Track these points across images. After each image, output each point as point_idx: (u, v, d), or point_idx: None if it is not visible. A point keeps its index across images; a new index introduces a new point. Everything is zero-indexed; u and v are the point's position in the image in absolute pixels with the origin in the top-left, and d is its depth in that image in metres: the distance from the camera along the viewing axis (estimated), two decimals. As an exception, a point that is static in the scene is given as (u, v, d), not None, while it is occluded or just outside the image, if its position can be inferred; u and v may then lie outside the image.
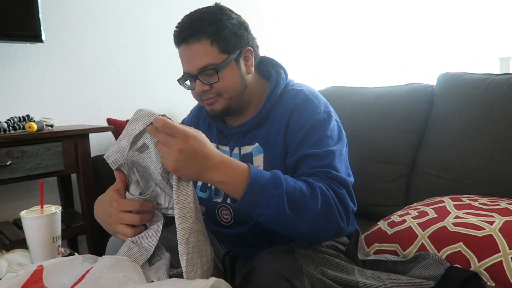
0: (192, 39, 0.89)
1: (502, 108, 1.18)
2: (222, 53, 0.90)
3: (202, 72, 0.90)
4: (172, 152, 0.68)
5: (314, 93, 0.98)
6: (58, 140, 1.57)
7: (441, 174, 1.28)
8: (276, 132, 0.94)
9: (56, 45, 1.91)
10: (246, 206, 0.75)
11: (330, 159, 0.85)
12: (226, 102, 0.94)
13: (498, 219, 0.85)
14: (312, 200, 0.77)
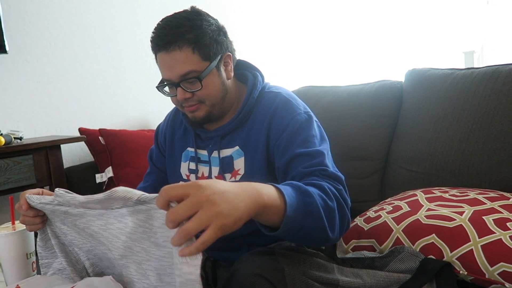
0: (173, 46, 0.87)
1: (467, 101, 1.23)
2: (203, 60, 0.89)
3: (184, 80, 0.89)
4: (210, 209, 0.53)
5: (292, 95, 0.99)
6: (28, 153, 1.53)
7: (413, 167, 1.32)
8: (257, 135, 0.95)
9: (20, 55, 1.85)
10: (289, 224, 0.66)
11: (322, 158, 0.86)
12: (208, 109, 0.93)
13: (468, 209, 0.88)
14: (329, 199, 0.75)
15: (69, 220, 0.78)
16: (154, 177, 1.12)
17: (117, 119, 2.19)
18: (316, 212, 0.71)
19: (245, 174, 0.95)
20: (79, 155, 2.03)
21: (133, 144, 1.86)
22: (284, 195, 0.65)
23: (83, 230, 0.76)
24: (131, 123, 2.25)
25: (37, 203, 0.79)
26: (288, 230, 0.67)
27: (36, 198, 0.79)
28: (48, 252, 0.84)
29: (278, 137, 0.91)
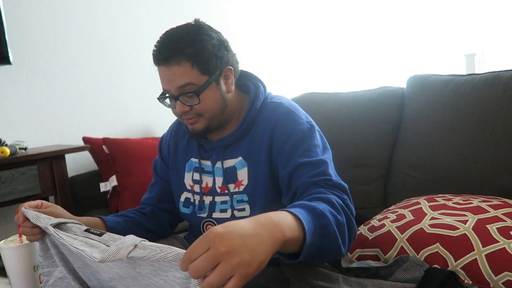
0: (172, 61, 0.88)
1: (469, 107, 1.23)
2: (202, 74, 0.89)
3: (182, 94, 0.90)
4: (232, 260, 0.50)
5: (294, 105, 1.00)
6: (32, 163, 1.54)
7: (416, 174, 1.32)
8: (259, 145, 0.95)
9: (24, 66, 1.87)
10: (308, 251, 0.66)
11: (324, 168, 0.87)
12: (207, 122, 0.94)
13: (471, 218, 0.88)
14: (338, 214, 0.76)
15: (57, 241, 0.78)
16: (158, 188, 1.13)
17: (120, 127, 2.20)
18: (332, 233, 0.72)
19: (249, 184, 0.96)
20: (83, 164, 2.04)
21: (137, 152, 1.87)
22: (302, 222, 0.65)
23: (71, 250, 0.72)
24: (134, 131, 2.26)
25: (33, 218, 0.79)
26: (307, 256, 0.67)
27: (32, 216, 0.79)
28: (48, 261, 0.85)
29: (281, 147, 0.92)
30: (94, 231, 0.70)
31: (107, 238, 0.66)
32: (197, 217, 1.03)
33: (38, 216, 0.79)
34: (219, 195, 0.99)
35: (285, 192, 0.92)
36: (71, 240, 0.69)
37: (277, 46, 3.03)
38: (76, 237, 0.70)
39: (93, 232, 0.70)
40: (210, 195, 1.00)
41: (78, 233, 0.71)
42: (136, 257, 0.59)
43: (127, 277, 0.65)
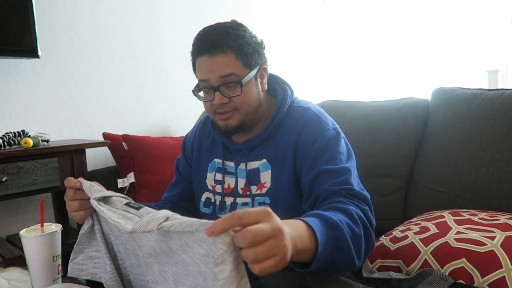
0: (218, 50, 0.89)
1: (496, 123, 1.21)
2: (245, 67, 0.91)
3: (223, 84, 0.90)
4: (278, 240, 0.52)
5: (321, 110, 0.99)
6: (54, 156, 1.56)
7: (438, 187, 1.30)
8: (285, 148, 0.95)
9: (51, 60, 1.91)
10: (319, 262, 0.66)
11: (347, 176, 0.86)
12: (241, 118, 0.94)
13: (499, 235, 0.86)
14: (356, 226, 0.76)
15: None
16: (181, 187, 1.13)
17: (140, 125, 2.22)
18: (346, 247, 0.71)
19: (272, 187, 0.95)
20: (101, 159, 2.07)
21: (156, 150, 1.88)
22: (315, 233, 0.65)
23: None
24: (153, 130, 2.28)
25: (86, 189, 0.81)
26: (318, 266, 0.67)
27: (86, 187, 0.82)
28: (87, 238, 0.87)
29: (306, 152, 0.92)
30: (133, 205, 0.72)
31: (143, 212, 0.68)
32: (217, 218, 1.02)
33: (91, 188, 0.81)
34: (240, 196, 0.98)
35: (305, 197, 0.91)
36: (110, 213, 0.72)
37: (302, 53, 3.03)
38: (116, 210, 0.72)
39: (132, 206, 0.72)
40: (231, 196, 1.00)
41: (119, 207, 0.73)
42: (166, 229, 0.59)
43: (161, 253, 0.66)
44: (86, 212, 0.84)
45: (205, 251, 0.54)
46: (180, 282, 0.64)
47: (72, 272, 0.88)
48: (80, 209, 0.83)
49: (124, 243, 0.78)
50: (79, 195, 0.83)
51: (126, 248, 0.79)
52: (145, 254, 0.71)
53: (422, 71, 3.77)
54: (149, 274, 0.73)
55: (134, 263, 0.77)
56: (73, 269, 0.88)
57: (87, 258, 0.87)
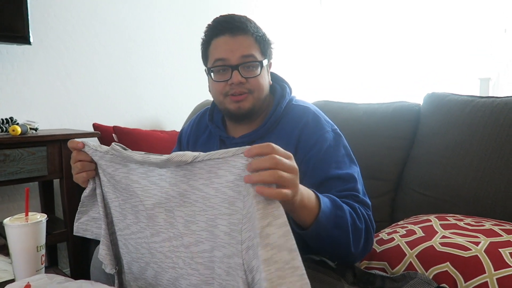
0: (240, 31, 0.92)
1: (486, 130, 1.22)
2: (262, 54, 0.95)
3: (243, 64, 0.92)
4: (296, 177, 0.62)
5: (319, 111, 1.01)
6: (42, 145, 1.54)
7: (426, 191, 1.31)
8: (284, 146, 0.94)
9: (42, 48, 1.88)
10: (317, 228, 0.72)
11: (354, 183, 0.89)
12: (254, 102, 0.95)
13: (483, 240, 0.87)
14: (358, 220, 0.80)
15: (110, 170, 0.81)
16: None
17: (131, 118, 2.20)
18: (344, 227, 0.76)
19: None
20: (90, 151, 2.04)
21: (146, 143, 1.87)
22: (320, 202, 0.72)
23: (119, 182, 0.80)
24: (144, 123, 2.26)
25: (92, 148, 0.82)
26: (316, 234, 0.73)
27: (92, 145, 0.82)
28: (90, 201, 0.88)
29: (307, 153, 0.92)
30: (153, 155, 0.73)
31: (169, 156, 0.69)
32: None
33: (99, 145, 0.82)
34: None
35: None
36: (137, 156, 0.73)
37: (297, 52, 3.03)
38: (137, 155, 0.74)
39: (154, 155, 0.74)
40: None
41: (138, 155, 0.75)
42: (201, 158, 0.66)
43: (176, 196, 0.70)
44: (88, 174, 0.84)
45: (237, 175, 0.62)
46: (193, 221, 0.69)
47: (78, 231, 0.90)
48: (82, 170, 0.83)
49: (124, 201, 0.81)
50: (82, 156, 0.83)
51: (123, 208, 0.81)
52: (150, 206, 0.75)
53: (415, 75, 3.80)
54: (149, 228, 0.76)
55: (130, 223, 0.80)
56: (78, 228, 0.91)
57: (91, 219, 0.89)
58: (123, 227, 0.83)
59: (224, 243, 0.64)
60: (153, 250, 0.76)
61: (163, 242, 0.74)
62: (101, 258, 0.85)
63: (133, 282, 0.83)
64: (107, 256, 0.84)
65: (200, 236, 0.68)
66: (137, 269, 0.81)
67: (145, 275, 0.79)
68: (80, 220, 0.91)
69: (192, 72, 2.37)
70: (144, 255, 0.78)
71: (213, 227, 0.66)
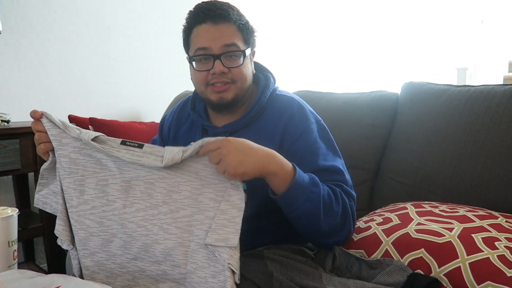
0: (222, 19, 0.90)
1: (461, 118, 1.24)
2: (245, 43, 0.93)
3: (225, 53, 0.90)
4: (226, 160, 0.73)
5: (303, 102, 1.02)
6: (15, 137, 1.50)
7: (403, 180, 1.33)
8: (269, 136, 0.95)
9: (13, 37, 1.81)
10: (287, 198, 0.82)
11: (341, 175, 0.92)
12: (236, 92, 0.94)
13: (457, 226, 0.89)
14: (336, 203, 0.85)
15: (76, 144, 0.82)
16: None
17: (108, 109, 2.15)
18: (316, 203, 0.82)
19: None
20: (66, 143, 2.00)
21: (123, 135, 1.83)
22: (296, 173, 0.80)
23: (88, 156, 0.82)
24: (122, 114, 2.22)
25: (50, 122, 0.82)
26: (286, 201, 0.82)
27: (59, 123, 0.82)
28: (51, 174, 0.87)
29: (292, 144, 0.93)
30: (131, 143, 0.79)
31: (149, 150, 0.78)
32: None
33: (67, 125, 0.82)
34: None
35: None
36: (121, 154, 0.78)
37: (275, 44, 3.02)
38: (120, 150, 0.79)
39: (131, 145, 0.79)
40: None
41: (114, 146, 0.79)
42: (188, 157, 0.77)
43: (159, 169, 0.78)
44: (46, 146, 0.82)
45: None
46: (175, 191, 0.79)
47: (38, 203, 0.89)
48: (39, 141, 0.82)
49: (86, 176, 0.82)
50: (39, 126, 0.82)
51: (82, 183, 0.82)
52: (127, 179, 0.81)
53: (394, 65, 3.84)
54: (120, 200, 0.81)
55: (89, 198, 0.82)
56: (38, 201, 0.89)
57: (51, 193, 0.88)
58: (78, 203, 0.83)
59: (208, 207, 0.78)
60: (124, 220, 0.81)
61: (137, 212, 0.80)
62: (57, 233, 0.85)
63: (87, 257, 0.84)
64: (64, 231, 0.85)
65: (182, 203, 0.78)
66: (95, 244, 0.83)
67: (108, 247, 0.83)
68: (41, 193, 0.89)
69: (172, 62, 2.33)
70: (109, 227, 0.82)
71: (198, 194, 0.78)
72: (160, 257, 0.79)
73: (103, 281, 0.83)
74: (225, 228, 0.75)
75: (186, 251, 0.78)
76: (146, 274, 0.81)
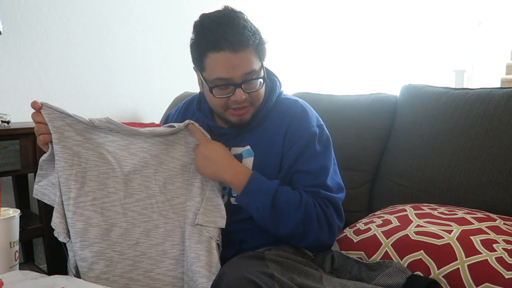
0: (241, 47, 0.86)
1: (460, 121, 1.25)
2: (260, 61, 0.92)
3: (245, 81, 0.89)
4: (195, 159, 0.91)
5: (308, 105, 1.03)
6: (15, 138, 1.50)
7: (402, 182, 1.34)
8: (273, 138, 0.97)
9: (13, 37, 1.81)
10: (241, 203, 0.93)
11: (323, 178, 0.93)
12: (254, 111, 0.96)
13: (456, 228, 0.89)
14: (295, 212, 0.87)
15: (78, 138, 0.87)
16: None
17: (108, 110, 2.16)
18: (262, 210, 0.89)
19: None
20: (66, 144, 1.99)
21: (123, 136, 1.83)
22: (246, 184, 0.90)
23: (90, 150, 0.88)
24: (121, 114, 2.22)
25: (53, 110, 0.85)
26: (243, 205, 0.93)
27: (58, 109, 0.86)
28: (50, 165, 0.89)
29: (291, 146, 0.95)
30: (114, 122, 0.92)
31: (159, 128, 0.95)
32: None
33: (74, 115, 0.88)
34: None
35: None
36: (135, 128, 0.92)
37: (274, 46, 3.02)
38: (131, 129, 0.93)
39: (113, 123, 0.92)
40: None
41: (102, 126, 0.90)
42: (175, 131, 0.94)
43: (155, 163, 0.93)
44: (44, 137, 0.84)
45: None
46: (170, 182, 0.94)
47: (36, 194, 0.93)
48: (38, 132, 0.84)
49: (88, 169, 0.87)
50: (39, 117, 0.84)
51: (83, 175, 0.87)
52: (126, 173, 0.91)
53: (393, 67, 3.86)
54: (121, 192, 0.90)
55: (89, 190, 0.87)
56: (37, 191, 0.92)
57: (50, 184, 0.90)
58: (77, 195, 0.86)
59: (197, 194, 0.94)
60: (126, 210, 0.90)
61: (137, 202, 0.91)
62: (54, 225, 0.87)
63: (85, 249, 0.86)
64: (61, 224, 0.87)
65: (176, 192, 0.95)
66: (94, 234, 0.86)
67: (108, 236, 0.88)
68: (40, 183, 0.91)
69: (172, 63, 2.33)
70: (110, 217, 0.89)
71: (189, 185, 0.95)
72: (160, 239, 0.91)
73: (103, 270, 0.86)
74: (212, 213, 0.92)
75: (183, 232, 0.92)
76: (146, 256, 0.90)
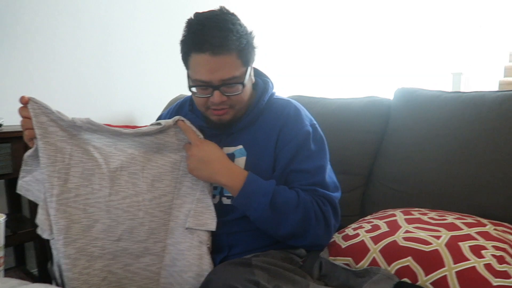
0: (221, 50, 0.84)
1: (452, 124, 1.24)
2: (243, 66, 0.90)
3: (225, 85, 0.88)
4: (188, 160, 0.90)
5: (300, 106, 1.04)
6: (6, 141, 1.49)
7: (395, 186, 1.33)
8: (266, 138, 0.97)
9: (7, 39, 1.80)
10: (238, 205, 0.91)
11: (321, 176, 0.93)
12: (234, 113, 0.95)
13: (445, 234, 0.88)
14: (294, 211, 0.88)
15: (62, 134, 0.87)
16: None
17: (103, 112, 2.15)
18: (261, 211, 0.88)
19: None
20: (60, 146, 1.99)
21: (117, 139, 1.83)
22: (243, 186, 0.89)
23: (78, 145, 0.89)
24: (117, 117, 2.21)
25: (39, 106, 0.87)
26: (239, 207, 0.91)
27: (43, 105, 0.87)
28: (35, 161, 0.88)
29: (284, 146, 0.95)
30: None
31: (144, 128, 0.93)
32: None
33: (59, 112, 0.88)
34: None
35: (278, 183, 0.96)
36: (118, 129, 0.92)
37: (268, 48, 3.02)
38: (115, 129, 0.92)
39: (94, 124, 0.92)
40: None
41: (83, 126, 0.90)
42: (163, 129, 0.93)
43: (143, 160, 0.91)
44: (29, 133, 0.84)
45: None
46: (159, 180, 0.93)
47: (20, 189, 0.91)
48: (23, 127, 0.85)
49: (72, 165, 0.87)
50: (24, 112, 0.85)
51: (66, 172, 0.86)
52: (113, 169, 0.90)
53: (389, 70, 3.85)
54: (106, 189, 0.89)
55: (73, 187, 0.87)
56: (21, 187, 0.91)
57: (34, 181, 0.89)
58: (60, 192, 0.85)
59: (186, 193, 0.94)
60: (110, 207, 0.89)
61: (123, 200, 0.90)
62: (39, 222, 0.86)
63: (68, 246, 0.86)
64: (46, 221, 0.86)
65: (164, 190, 0.93)
66: (76, 230, 0.86)
67: (89, 233, 0.87)
68: (24, 179, 0.90)
69: (167, 66, 2.32)
70: (93, 213, 0.88)
71: (178, 183, 0.95)
72: (144, 236, 0.91)
73: (84, 265, 0.86)
74: (203, 215, 0.92)
75: (167, 229, 0.93)
76: (128, 252, 0.90)
